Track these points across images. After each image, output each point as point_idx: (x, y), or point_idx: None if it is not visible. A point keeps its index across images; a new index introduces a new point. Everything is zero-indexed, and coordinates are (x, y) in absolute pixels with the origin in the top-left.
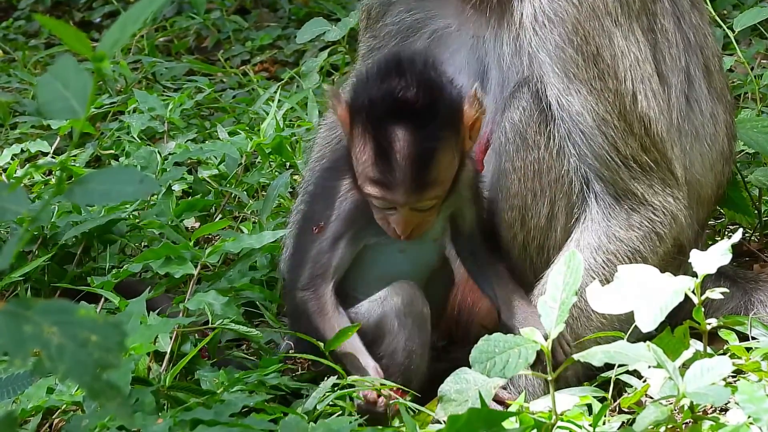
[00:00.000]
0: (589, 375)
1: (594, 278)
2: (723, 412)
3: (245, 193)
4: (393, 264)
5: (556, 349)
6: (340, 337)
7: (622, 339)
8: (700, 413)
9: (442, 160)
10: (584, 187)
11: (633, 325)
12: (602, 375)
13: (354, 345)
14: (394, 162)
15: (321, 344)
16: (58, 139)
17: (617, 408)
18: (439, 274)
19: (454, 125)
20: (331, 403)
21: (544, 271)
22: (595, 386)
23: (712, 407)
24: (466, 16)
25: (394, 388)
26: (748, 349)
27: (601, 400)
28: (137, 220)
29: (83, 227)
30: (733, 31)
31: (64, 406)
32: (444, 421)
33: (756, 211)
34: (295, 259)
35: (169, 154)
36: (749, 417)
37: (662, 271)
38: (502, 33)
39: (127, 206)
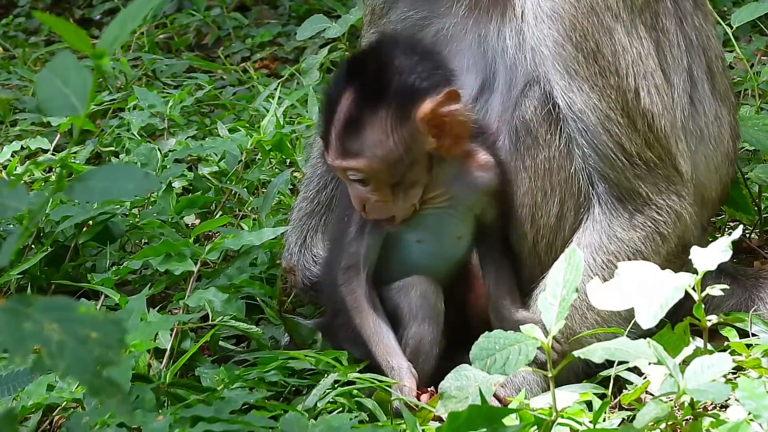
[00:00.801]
0: (588, 372)
1: (593, 278)
2: (723, 409)
3: (245, 190)
4: (412, 254)
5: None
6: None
7: (621, 336)
8: (701, 410)
9: (368, 133)
10: (589, 187)
11: (633, 322)
12: (602, 373)
13: (388, 345)
14: (327, 120)
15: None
16: (58, 136)
17: (617, 405)
18: (462, 275)
19: (397, 109)
20: (331, 400)
21: None
22: (595, 383)
23: (712, 404)
24: (471, 14)
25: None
26: (749, 346)
27: (601, 397)
28: (137, 219)
29: (76, 219)
30: (732, 28)
31: (65, 403)
32: (444, 418)
33: (756, 208)
34: (330, 256)
35: (169, 151)
36: (749, 414)
37: (665, 269)
38: (504, 29)
39: (125, 201)
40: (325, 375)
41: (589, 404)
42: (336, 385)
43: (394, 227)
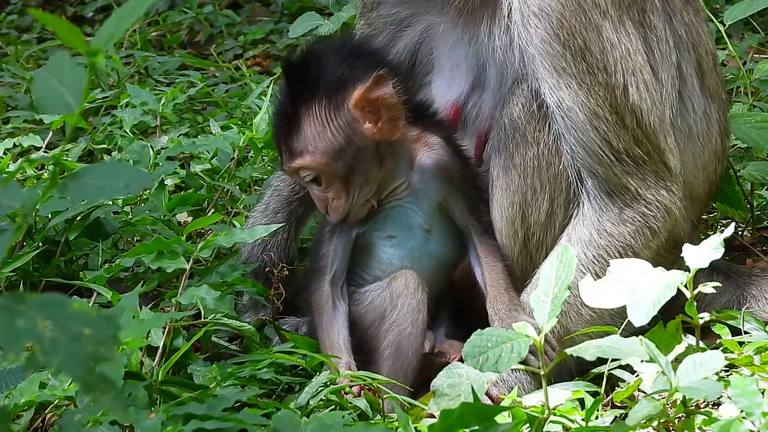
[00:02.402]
0: (581, 370)
1: (584, 273)
2: (715, 407)
3: (238, 187)
4: (385, 252)
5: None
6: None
7: (615, 333)
8: (693, 407)
9: (307, 129)
10: (578, 183)
11: (626, 320)
12: (593, 370)
13: (333, 341)
14: (274, 127)
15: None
16: (51, 133)
17: (610, 402)
18: (446, 269)
19: (330, 100)
20: (323, 398)
21: None
22: (587, 381)
23: (704, 401)
24: (458, 13)
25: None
26: (741, 344)
27: (594, 394)
28: (129, 216)
29: (66, 215)
30: (725, 25)
31: (57, 400)
32: (437, 416)
33: (748, 206)
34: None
35: (162, 148)
36: (742, 411)
37: (656, 266)
38: (493, 28)
39: (118, 198)
40: (318, 373)
41: (581, 402)
42: (328, 383)
43: (352, 225)
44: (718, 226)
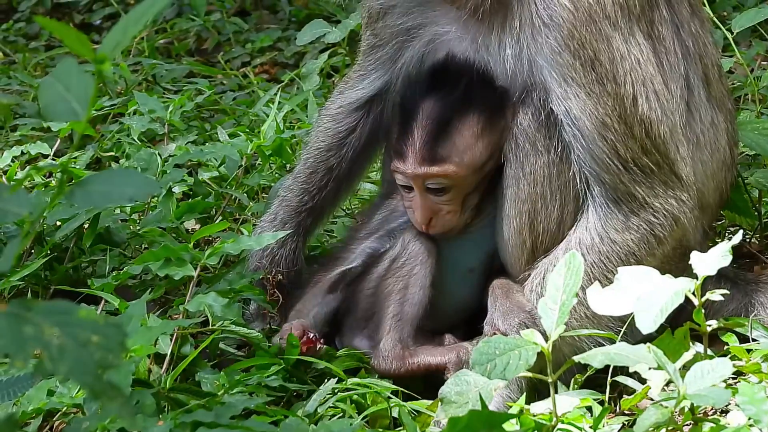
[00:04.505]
0: (588, 377)
1: (584, 277)
2: (723, 414)
3: (245, 195)
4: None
5: None
6: None
7: (614, 339)
8: (701, 415)
9: (457, 139)
10: (585, 190)
11: (632, 327)
12: (587, 373)
13: (304, 309)
14: (411, 129)
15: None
16: (59, 141)
17: (617, 410)
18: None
19: (486, 112)
20: (332, 405)
21: None
22: (592, 387)
23: (712, 409)
24: (464, 23)
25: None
26: (749, 351)
27: (602, 402)
28: (137, 226)
29: (75, 222)
30: (732, 33)
31: (65, 408)
32: (443, 424)
33: (756, 213)
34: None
35: (170, 156)
36: (750, 419)
37: (665, 273)
38: (504, 38)
39: (126, 206)
40: (326, 380)
41: (589, 409)
42: (336, 391)
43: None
44: (726, 234)
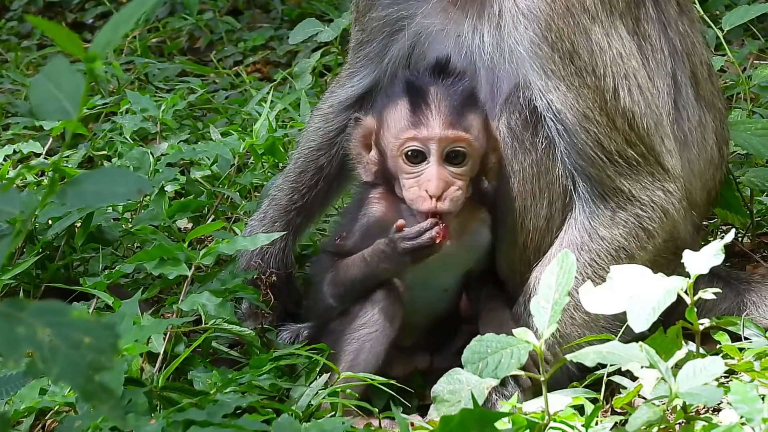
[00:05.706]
0: (580, 375)
1: (578, 278)
2: (715, 413)
3: (238, 194)
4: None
5: None
6: None
7: (610, 339)
8: (693, 413)
9: (473, 115)
10: (571, 186)
11: (625, 325)
12: (594, 374)
13: None
14: (432, 99)
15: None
16: (51, 140)
17: (610, 408)
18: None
19: (484, 118)
20: (324, 401)
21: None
22: (585, 386)
23: (704, 407)
24: (449, 15)
25: None
26: (741, 350)
27: (594, 400)
28: (129, 225)
29: (67, 221)
30: (723, 31)
31: (57, 407)
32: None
33: (748, 212)
34: (319, 263)
35: (162, 154)
36: (742, 417)
37: (657, 270)
38: (481, 28)
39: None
40: (317, 377)
41: (581, 408)
42: (327, 386)
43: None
44: (718, 232)
